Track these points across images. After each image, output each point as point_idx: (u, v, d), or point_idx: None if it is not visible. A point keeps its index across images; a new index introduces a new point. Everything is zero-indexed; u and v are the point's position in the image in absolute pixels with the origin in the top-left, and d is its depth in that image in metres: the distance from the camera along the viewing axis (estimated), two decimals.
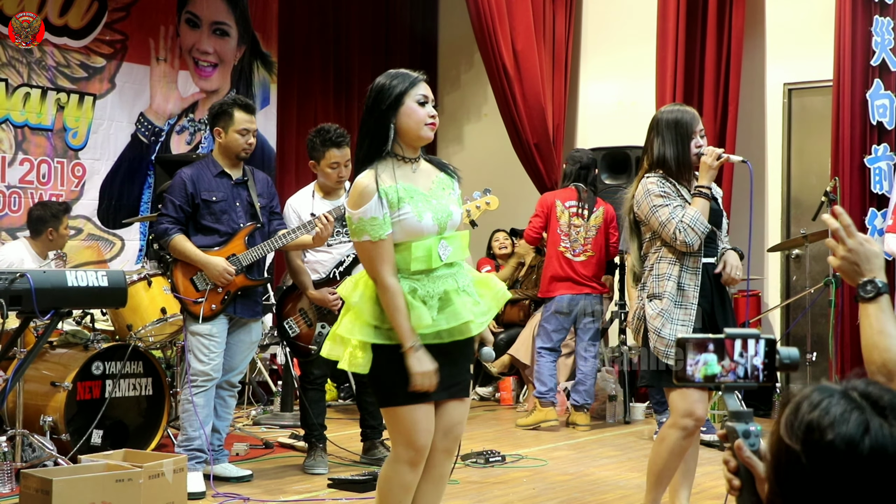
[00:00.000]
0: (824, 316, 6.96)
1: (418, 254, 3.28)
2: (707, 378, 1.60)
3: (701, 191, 4.05)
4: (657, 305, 4.01)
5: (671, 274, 4.02)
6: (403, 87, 3.32)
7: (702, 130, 4.15)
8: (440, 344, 3.30)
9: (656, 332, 3.98)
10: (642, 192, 4.08)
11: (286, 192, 8.51)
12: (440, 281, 3.32)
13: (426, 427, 3.34)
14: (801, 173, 7.95)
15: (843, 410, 1.32)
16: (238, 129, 5.17)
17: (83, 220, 7.59)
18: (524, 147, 8.16)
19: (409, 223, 3.27)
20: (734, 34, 7.80)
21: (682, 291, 4.00)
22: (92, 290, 4.16)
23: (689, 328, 3.96)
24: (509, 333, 8.17)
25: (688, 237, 3.96)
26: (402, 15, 9.83)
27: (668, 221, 3.99)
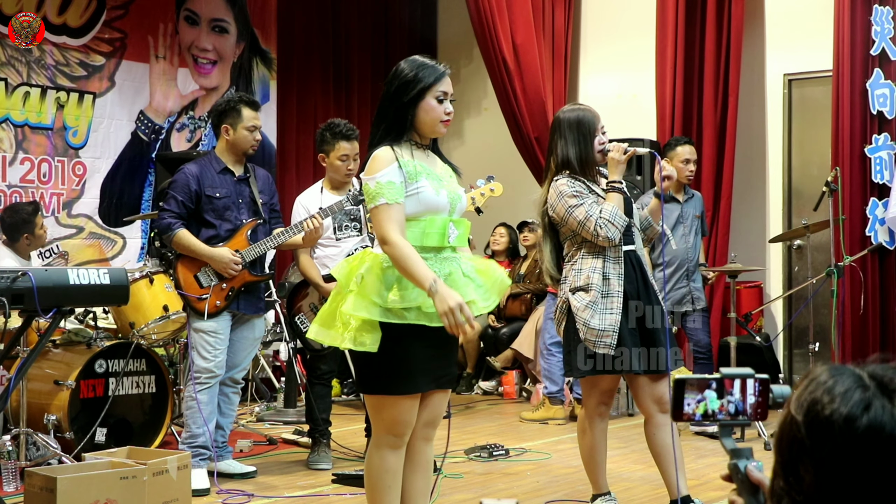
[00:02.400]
0: (826, 306, 6.95)
1: (432, 229, 3.32)
2: (706, 415, 1.64)
3: (614, 185, 4.18)
4: (584, 297, 4.12)
5: (595, 266, 4.13)
6: (427, 83, 3.35)
7: (603, 127, 4.25)
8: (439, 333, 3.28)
9: (585, 323, 4.09)
10: (555, 194, 4.17)
11: (287, 188, 8.54)
12: (446, 262, 3.35)
13: (409, 418, 3.36)
14: (801, 164, 7.94)
15: (847, 388, 1.34)
16: (247, 126, 5.20)
17: (84, 218, 7.59)
18: (525, 141, 8.16)
19: (427, 195, 3.31)
20: (734, 25, 7.79)
21: (607, 281, 4.12)
22: (94, 288, 4.15)
23: (616, 315, 4.08)
24: (512, 328, 8.17)
25: (609, 232, 4.07)
26: (401, 9, 9.83)
27: (586, 219, 4.09)
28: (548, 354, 7.04)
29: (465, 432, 6.50)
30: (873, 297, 7.01)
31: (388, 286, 3.27)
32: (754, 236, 7.86)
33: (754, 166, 8.01)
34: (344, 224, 5.51)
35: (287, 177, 8.80)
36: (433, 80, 3.35)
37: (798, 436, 1.35)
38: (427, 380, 3.36)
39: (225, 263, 5.07)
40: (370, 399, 3.41)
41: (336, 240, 5.53)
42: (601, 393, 4.28)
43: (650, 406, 4.21)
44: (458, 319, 3.16)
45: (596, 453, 4.34)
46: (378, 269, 3.31)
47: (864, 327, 7.03)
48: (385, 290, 3.27)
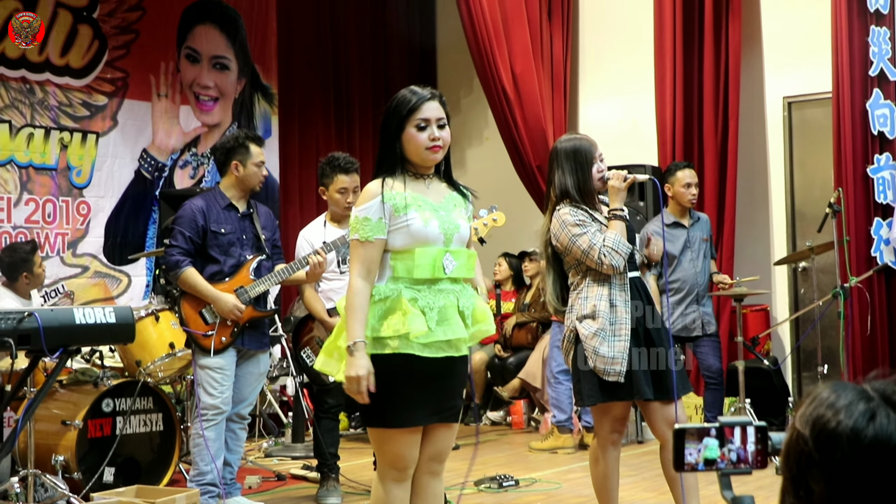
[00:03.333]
0: (834, 328, 6.93)
1: (421, 261, 3.28)
2: (707, 462, 1.65)
3: (616, 213, 4.19)
4: (591, 325, 4.11)
5: (602, 294, 4.13)
6: (403, 114, 3.34)
7: (601, 155, 4.24)
8: (435, 364, 3.26)
9: (595, 351, 4.09)
10: (558, 224, 4.17)
11: (290, 223, 8.56)
12: (441, 295, 3.31)
13: (409, 452, 3.33)
14: (804, 186, 7.95)
15: (850, 401, 1.37)
16: (255, 162, 5.24)
17: (89, 257, 7.61)
18: (526, 169, 8.17)
19: (415, 227, 3.29)
20: (731, 49, 7.82)
21: (614, 308, 4.13)
22: (100, 327, 4.16)
23: (625, 342, 4.09)
24: (518, 357, 8.15)
25: (613, 260, 4.07)
26: (400, 42, 9.88)
27: (590, 248, 4.09)
28: (555, 383, 7.02)
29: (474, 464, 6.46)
30: (881, 318, 6.99)
31: (375, 317, 3.27)
32: (759, 259, 7.85)
33: (757, 189, 8.02)
34: (347, 257, 5.52)
35: (290, 211, 8.81)
36: (408, 111, 3.34)
37: (805, 450, 1.37)
38: (426, 413, 3.31)
39: (229, 308, 5.07)
40: (372, 432, 3.40)
41: (340, 273, 5.54)
42: (613, 421, 4.26)
43: (664, 431, 4.18)
44: (354, 389, 3.20)
45: (609, 482, 4.31)
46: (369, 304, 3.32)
47: (873, 348, 7.00)
48: (374, 321, 3.26)
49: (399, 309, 3.25)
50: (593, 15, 8.84)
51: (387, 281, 3.32)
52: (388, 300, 3.27)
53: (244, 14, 8.64)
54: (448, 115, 3.44)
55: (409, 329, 3.20)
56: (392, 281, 3.31)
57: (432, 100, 3.38)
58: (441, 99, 3.42)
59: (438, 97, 3.41)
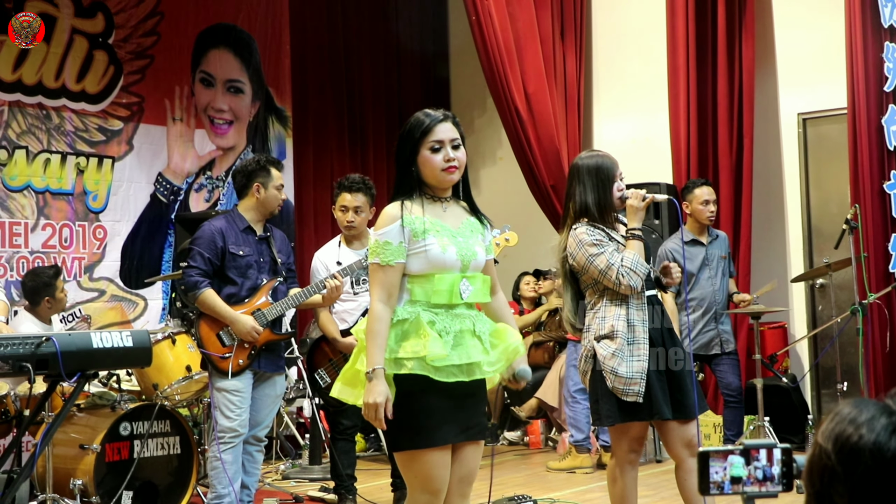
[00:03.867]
0: (853, 345, 6.88)
1: (441, 286, 3.29)
2: (734, 480, 1.65)
3: (634, 233, 4.17)
4: (609, 345, 4.10)
5: (620, 313, 4.11)
6: (416, 136, 3.36)
7: (621, 174, 4.24)
8: (455, 388, 3.25)
9: (613, 371, 4.07)
10: (574, 243, 4.16)
11: (305, 245, 8.57)
12: (458, 320, 3.31)
13: (441, 472, 3.29)
14: (820, 202, 7.92)
15: (872, 416, 1.38)
16: (276, 185, 5.28)
17: (105, 281, 7.63)
18: (541, 189, 8.17)
19: (433, 253, 3.29)
20: (745, 66, 7.82)
21: (633, 328, 4.11)
22: (117, 351, 4.16)
23: (643, 362, 4.07)
24: (535, 376, 8.10)
25: (631, 280, 4.06)
26: (413, 64, 9.91)
27: (608, 268, 4.08)
28: (573, 402, 6.99)
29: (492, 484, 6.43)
30: None
31: (395, 339, 3.27)
32: (776, 276, 7.81)
33: (772, 206, 7.99)
34: (361, 278, 5.55)
35: (305, 233, 8.83)
36: (422, 133, 3.35)
37: (829, 465, 1.38)
38: (454, 430, 3.29)
39: (247, 330, 5.08)
40: (400, 457, 3.35)
41: (354, 294, 5.57)
42: (631, 440, 4.24)
43: (681, 451, 4.17)
44: (371, 416, 3.19)
45: (627, 502, 4.29)
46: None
47: (893, 364, 6.95)
48: (392, 342, 3.26)
49: (418, 331, 3.25)
50: (606, 34, 8.86)
51: (404, 303, 3.33)
52: (407, 322, 3.28)
53: (258, 38, 8.68)
54: (463, 136, 3.43)
55: (428, 352, 3.20)
56: (410, 304, 3.31)
57: (445, 121, 3.38)
58: (454, 120, 3.43)
59: (451, 118, 3.42)
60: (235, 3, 8.53)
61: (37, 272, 6.34)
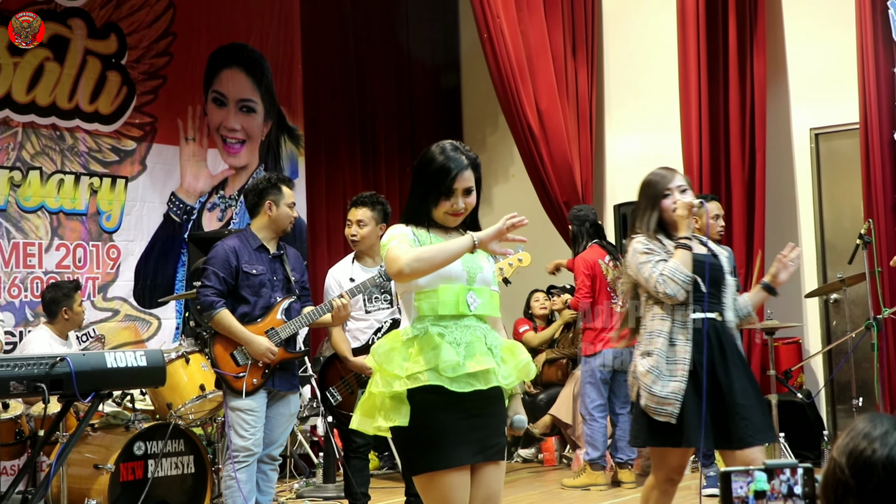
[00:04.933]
0: (868, 360, 6.85)
1: (446, 297, 3.29)
2: (757, 495, 1.66)
3: (680, 242, 4.10)
4: (647, 362, 4.04)
5: (662, 330, 4.05)
6: (438, 182, 3.35)
7: (681, 186, 4.18)
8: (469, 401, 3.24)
9: (647, 389, 4.00)
10: (630, 253, 4.17)
11: (318, 263, 8.58)
12: (468, 331, 3.30)
13: (461, 495, 3.24)
14: (833, 217, 7.90)
15: (885, 430, 1.41)
16: (288, 203, 5.29)
17: (119, 301, 7.65)
18: (553, 205, 8.17)
19: None
20: (757, 82, 7.81)
21: (673, 347, 4.02)
22: (131, 371, 4.17)
23: (680, 383, 3.96)
24: (549, 393, 8.11)
25: (668, 288, 3.99)
26: (425, 81, 9.94)
27: (650, 276, 4.04)
28: (590, 419, 6.96)
29: (506, 502, 6.42)
30: None
31: (406, 357, 3.26)
32: (790, 292, 7.77)
33: (786, 221, 7.97)
34: (374, 296, 5.55)
35: (318, 251, 8.85)
36: (446, 181, 3.35)
37: (842, 478, 1.41)
38: (471, 450, 3.25)
39: (262, 351, 5.09)
40: (419, 481, 3.30)
41: (366, 312, 5.57)
42: (669, 469, 4.13)
43: None
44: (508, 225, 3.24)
45: None
46: (398, 344, 3.31)
47: None
48: (404, 361, 3.26)
49: (430, 344, 3.24)
50: (617, 50, 8.87)
51: (413, 321, 3.33)
52: (417, 339, 3.28)
53: (270, 57, 8.72)
54: (480, 178, 3.45)
55: (441, 360, 3.19)
56: (418, 321, 3.31)
57: (467, 168, 3.38)
58: (475, 163, 3.42)
59: (473, 162, 3.41)
60: (247, 23, 8.58)
61: (57, 284, 6.53)
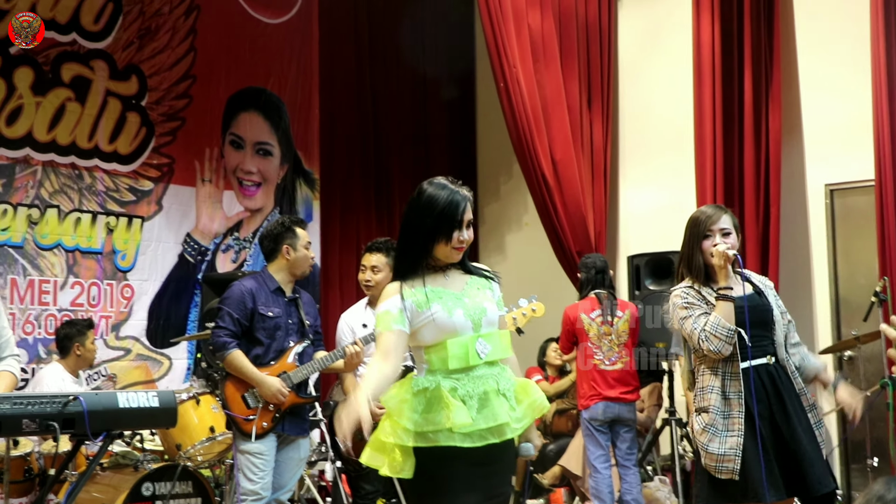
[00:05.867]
0: (883, 419, 6.78)
1: (454, 351, 3.29)
2: None
3: (720, 293, 3.98)
4: (703, 420, 3.94)
5: (714, 385, 3.95)
6: (445, 216, 3.36)
7: (723, 229, 4.08)
8: (479, 452, 3.24)
9: (704, 447, 3.90)
10: (670, 306, 4.08)
11: (331, 307, 8.59)
12: (480, 381, 3.30)
13: None
14: (848, 273, 7.87)
15: None
16: (304, 245, 5.31)
17: (132, 340, 7.66)
18: (567, 255, 8.18)
19: (441, 320, 3.31)
20: (772, 136, 7.83)
21: (727, 400, 3.91)
22: (143, 411, 4.17)
23: (738, 438, 3.85)
24: (559, 444, 8.05)
25: (711, 345, 3.89)
26: (440, 128, 10.00)
27: (692, 333, 3.95)
28: (594, 472, 6.91)
29: None
30: None
31: (417, 410, 3.26)
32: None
33: (800, 277, 7.95)
34: None
35: (331, 295, 8.85)
36: (454, 214, 3.36)
37: None
38: (476, 498, 3.25)
39: (273, 392, 5.08)
40: None
41: None
42: None
43: None
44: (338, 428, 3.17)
45: None
46: (409, 395, 3.31)
47: None
48: (415, 414, 3.26)
49: (441, 401, 3.24)
50: (633, 102, 8.91)
51: (425, 373, 3.33)
52: (428, 391, 3.28)
53: (287, 101, 8.80)
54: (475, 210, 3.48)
55: (453, 423, 3.19)
56: (430, 373, 3.32)
57: (468, 202, 3.42)
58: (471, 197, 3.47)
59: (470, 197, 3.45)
60: (266, 67, 8.67)
61: (72, 321, 6.64)
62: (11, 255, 7.05)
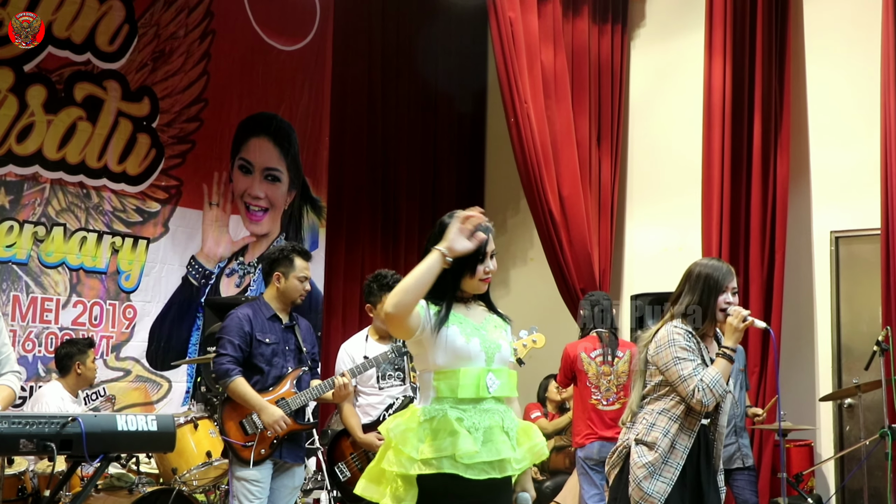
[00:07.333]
0: (881, 468, 6.77)
1: (466, 381, 3.29)
2: None
3: (725, 352, 4.08)
4: (646, 455, 4.03)
5: (669, 430, 4.05)
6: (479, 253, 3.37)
7: (734, 288, 4.18)
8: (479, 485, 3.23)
9: (637, 481, 4.01)
10: (667, 339, 4.10)
11: (332, 335, 8.57)
12: (487, 415, 3.30)
13: None
14: (850, 321, 7.86)
15: None
16: (298, 276, 5.28)
17: (132, 361, 7.65)
18: (570, 292, 8.17)
19: (456, 342, 3.31)
20: (779, 182, 7.84)
21: (673, 450, 4.04)
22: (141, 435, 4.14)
23: (667, 486, 4.00)
24: (555, 481, 8.02)
25: (705, 398, 3.99)
26: (449, 161, 10.03)
27: (689, 377, 4.01)
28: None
29: None
30: None
31: (422, 439, 3.25)
32: (804, 394, 7.73)
33: (803, 323, 7.93)
34: (387, 373, 5.53)
35: (333, 323, 8.84)
36: (486, 244, 3.39)
37: None
38: None
39: (274, 420, 5.06)
40: None
41: (379, 388, 5.54)
42: None
43: None
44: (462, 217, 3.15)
45: None
46: (414, 424, 3.30)
47: None
48: (420, 443, 3.25)
49: (447, 429, 3.23)
50: (642, 142, 8.94)
51: (431, 402, 3.32)
52: (435, 420, 3.27)
53: (298, 128, 8.83)
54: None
55: (458, 450, 3.19)
56: (437, 401, 3.31)
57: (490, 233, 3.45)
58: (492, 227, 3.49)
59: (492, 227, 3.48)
60: (278, 94, 8.70)
61: (73, 340, 6.62)
62: (15, 271, 7.06)
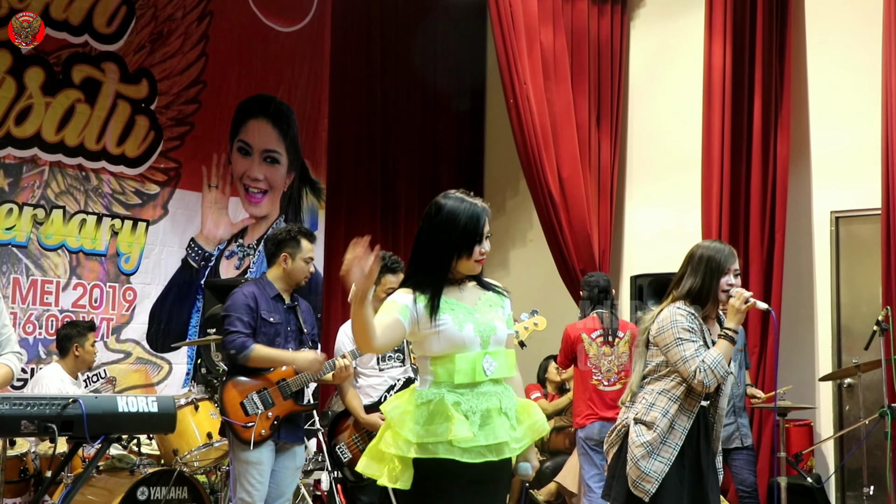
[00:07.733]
0: (880, 448, 6.78)
1: (461, 366, 3.29)
2: None
3: (727, 333, 4.10)
4: (644, 434, 4.05)
5: (668, 411, 4.06)
6: (470, 231, 3.35)
7: (736, 270, 4.19)
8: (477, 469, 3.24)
9: (634, 460, 4.03)
10: (669, 320, 4.11)
11: (332, 317, 8.58)
12: (484, 398, 3.31)
13: None
14: (850, 301, 7.86)
15: None
16: (304, 257, 5.29)
17: (132, 343, 7.66)
18: (570, 273, 8.17)
19: (449, 331, 3.30)
20: (779, 162, 7.83)
21: (672, 430, 4.06)
22: (142, 416, 4.15)
23: (665, 466, 4.02)
24: (555, 461, 8.04)
25: (706, 378, 4.00)
26: (448, 142, 10.01)
27: (690, 358, 4.02)
28: (588, 491, 6.89)
29: None
30: None
31: (419, 422, 3.26)
32: (803, 374, 7.74)
33: (802, 303, 7.94)
34: (387, 354, 5.54)
35: (333, 305, 8.84)
36: (477, 228, 3.36)
37: None
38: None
39: (309, 362, 5.08)
40: None
41: (379, 370, 5.55)
42: None
43: None
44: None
45: None
46: (412, 406, 3.31)
47: None
48: (417, 425, 3.26)
49: (444, 414, 3.24)
50: (642, 122, 8.92)
51: (430, 385, 3.33)
52: (432, 403, 3.28)
53: (297, 110, 8.81)
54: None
55: (454, 435, 3.19)
56: (434, 385, 3.32)
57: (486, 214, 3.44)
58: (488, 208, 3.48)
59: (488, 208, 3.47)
60: (277, 76, 8.68)
61: (74, 322, 6.62)
62: (15, 254, 7.06)
